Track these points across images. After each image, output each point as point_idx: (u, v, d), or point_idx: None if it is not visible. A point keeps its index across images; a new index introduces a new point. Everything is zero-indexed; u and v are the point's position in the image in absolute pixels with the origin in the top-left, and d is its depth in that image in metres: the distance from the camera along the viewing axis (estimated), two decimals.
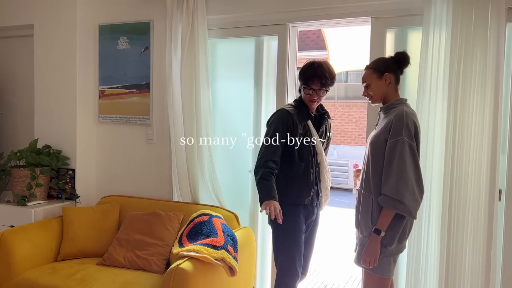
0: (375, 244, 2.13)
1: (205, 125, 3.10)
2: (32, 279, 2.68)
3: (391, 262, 2.18)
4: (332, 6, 2.82)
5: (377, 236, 2.12)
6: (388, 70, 2.23)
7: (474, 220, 2.43)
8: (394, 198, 2.05)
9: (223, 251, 2.50)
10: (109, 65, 3.52)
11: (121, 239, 2.94)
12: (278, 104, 3.06)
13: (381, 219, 2.10)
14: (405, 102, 2.23)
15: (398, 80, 2.28)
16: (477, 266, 2.43)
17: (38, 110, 3.57)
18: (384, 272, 2.17)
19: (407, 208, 2.05)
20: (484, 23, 2.38)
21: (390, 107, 2.23)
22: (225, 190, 3.20)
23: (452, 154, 2.45)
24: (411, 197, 2.04)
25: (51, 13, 3.47)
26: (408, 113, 2.12)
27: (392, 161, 2.07)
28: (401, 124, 2.08)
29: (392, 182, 2.06)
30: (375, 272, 2.17)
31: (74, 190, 3.44)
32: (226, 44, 3.28)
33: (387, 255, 2.15)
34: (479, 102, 2.40)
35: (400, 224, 2.13)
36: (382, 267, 2.16)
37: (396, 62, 2.26)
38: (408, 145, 2.06)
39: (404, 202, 2.04)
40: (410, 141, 2.06)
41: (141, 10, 3.39)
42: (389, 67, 2.24)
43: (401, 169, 2.04)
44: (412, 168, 2.06)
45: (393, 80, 2.24)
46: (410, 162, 2.05)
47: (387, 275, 2.18)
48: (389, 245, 2.14)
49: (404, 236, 2.18)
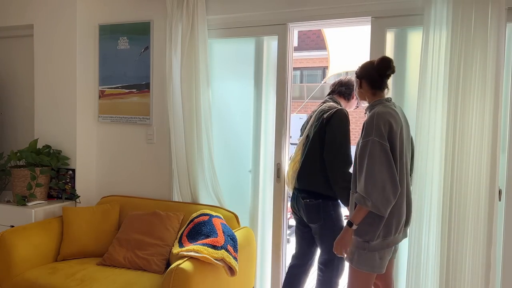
0: (346, 235, 2.22)
1: (205, 125, 3.10)
2: (32, 279, 2.68)
3: (376, 258, 2.23)
4: (332, 6, 2.82)
5: (348, 228, 2.22)
6: (362, 76, 2.35)
7: (474, 220, 2.43)
8: (363, 195, 2.14)
9: (223, 251, 2.50)
10: (109, 65, 3.52)
11: (121, 239, 2.94)
12: (278, 104, 3.06)
13: (355, 213, 2.19)
14: (383, 102, 2.29)
15: (375, 85, 2.33)
16: (477, 266, 2.43)
17: (38, 110, 3.57)
18: (368, 266, 2.23)
19: (374, 205, 2.12)
20: (484, 23, 2.38)
21: (370, 109, 2.32)
22: (225, 190, 3.20)
23: (452, 154, 2.45)
24: (379, 195, 2.11)
25: (51, 13, 3.47)
26: (380, 114, 2.19)
27: (362, 161, 2.16)
28: (372, 125, 2.16)
29: (362, 180, 2.15)
30: (357, 266, 2.24)
31: (74, 190, 3.44)
32: (226, 44, 3.28)
33: (371, 250, 2.21)
34: (479, 102, 2.40)
35: (380, 220, 2.18)
36: (365, 262, 2.23)
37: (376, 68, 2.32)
38: (379, 144, 2.12)
39: (371, 199, 2.12)
40: (381, 141, 2.13)
41: (141, 10, 3.39)
42: (363, 73, 2.34)
43: (370, 168, 2.12)
44: (384, 166, 2.12)
45: (365, 85, 2.34)
46: (381, 162, 2.12)
47: (371, 270, 2.24)
48: (371, 241, 2.20)
49: (388, 232, 2.21)
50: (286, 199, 3.14)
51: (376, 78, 2.31)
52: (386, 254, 2.26)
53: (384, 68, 2.30)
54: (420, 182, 2.49)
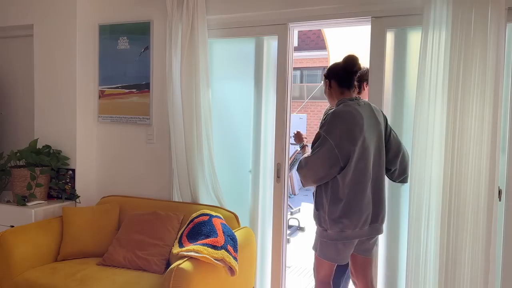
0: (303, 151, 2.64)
1: (205, 125, 3.10)
2: (32, 279, 2.68)
3: (335, 248, 2.38)
4: (332, 6, 2.82)
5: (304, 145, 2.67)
6: (330, 76, 2.52)
7: (474, 220, 2.42)
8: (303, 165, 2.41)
9: (223, 251, 2.50)
10: (109, 65, 3.52)
11: (121, 239, 2.94)
12: (278, 104, 3.06)
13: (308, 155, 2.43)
14: (346, 102, 2.42)
15: (343, 84, 2.48)
16: (477, 266, 2.43)
17: (38, 110, 3.57)
18: (327, 256, 2.42)
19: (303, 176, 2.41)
20: (484, 23, 2.37)
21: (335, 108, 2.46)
22: (225, 190, 3.20)
23: (452, 154, 2.44)
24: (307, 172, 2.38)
25: (51, 13, 3.47)
26: (336, 112, 2.37)
27: (314, 147, 2.41)
28: (325, 122, 2.38)
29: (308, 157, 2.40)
30: (319, 255, 2.45)
31: (74, 190, 3.44)
32: (226, 44, 3.28)
33: (330, 240, 2.38)
34: (478, 102, 2.39)
35: (332, 210, 2.35)
36: (325, 251, 2.42)
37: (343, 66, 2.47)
38: (322, 138, 2.35)
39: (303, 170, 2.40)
40: (328, 136, 2.33)
41: (141, 10, 3.39)
42: (331, 73, 2.51)
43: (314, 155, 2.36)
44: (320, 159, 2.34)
45: (334, 85, 2.50)
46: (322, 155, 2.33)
47: (328, 259, 2.42)
48: (328, 229, 2.38)
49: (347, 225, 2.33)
50: (286, 199, 3.14)
51: (343, 77, 2.47)
52: (347, 246, 2.39)
53: (350, 65, 2.45)
54: (420, 182, 2.49)
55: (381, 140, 2.47)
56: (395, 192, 2.80)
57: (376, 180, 2.43)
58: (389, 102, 2.80)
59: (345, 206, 2.33)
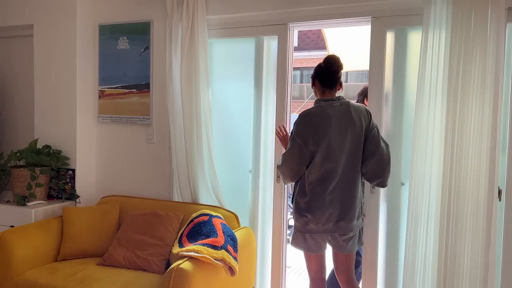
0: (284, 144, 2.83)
1: (205, 125, 3.10)
2: (32, 279, 2.68)
3: (302, 239, 2.52)
4: (332, 6, 2.82)
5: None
6: (315, 76, 2.59)
7: (473, 220, 2.42)
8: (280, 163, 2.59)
9: (223, 251, 2.50)
10: (109, 65, 3.52)
11: (121, 239, 2.94)
12: (278, 104, 3.06)
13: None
14: (319, 102, 2.52)
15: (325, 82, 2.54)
16: (476, 267, 2.43)
17: (38, 110, 3.57)
18: (296, 244, 2.57)
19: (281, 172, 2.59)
20: (484, 23, 2.37)
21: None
22: (225, 190, 3.20)
23: (452, 154, 2.44)
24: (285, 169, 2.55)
25: (51, 13, 3.47)
26: (303, 114, 2.52)
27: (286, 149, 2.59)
28: (295, 123, 2.53)
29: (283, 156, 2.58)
30: (291, 244, 2.60)
31: (74, 190, 3.44)
32: (226, 44, 3.28)
33: (297, 231, 2.54)
34: (478, 102, 2.39)
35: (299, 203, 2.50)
36: (295, 241, 2.57)
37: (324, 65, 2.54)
38: (293, 139, 2.50)
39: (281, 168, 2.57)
40: (296, 136, 2.48)
41: (141, 10, 3.38)
42: (315, 72, 2.58)
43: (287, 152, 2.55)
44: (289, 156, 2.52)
45: (317, 83, 2.57)
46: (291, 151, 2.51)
47: (299, 248, 2.57)
48: (295, 221, 2.55)
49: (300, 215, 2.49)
50: (286, 199, 3.14)
51: (325, 75, 2.54)
52: (314, 239, 2.50)
53: (330, 65, 2.52)
54: (419, 182, 2.49)
55: (358, 141, 2.46)
56: (395, 192, 2.80)
57: (346, 181, 2.46)
58: (389, 102, 2.80)
59: (309, 202, 2.47)
